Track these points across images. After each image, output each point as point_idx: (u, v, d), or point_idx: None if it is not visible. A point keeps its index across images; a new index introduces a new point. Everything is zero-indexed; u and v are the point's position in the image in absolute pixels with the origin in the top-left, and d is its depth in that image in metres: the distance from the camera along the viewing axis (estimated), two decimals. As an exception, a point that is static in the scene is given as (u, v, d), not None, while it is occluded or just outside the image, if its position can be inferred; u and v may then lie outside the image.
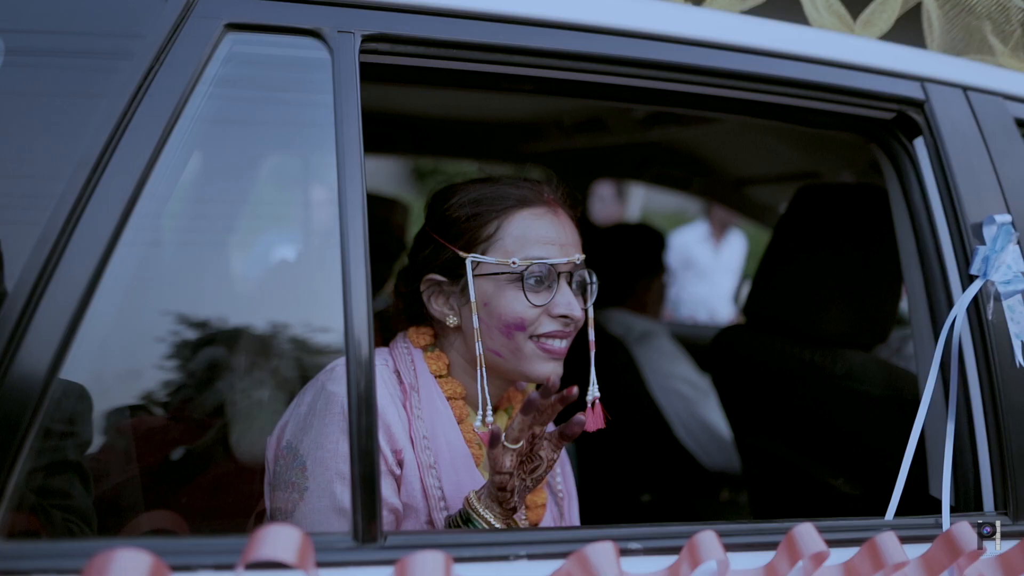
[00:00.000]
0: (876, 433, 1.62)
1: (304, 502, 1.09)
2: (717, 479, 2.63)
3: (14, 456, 0.81)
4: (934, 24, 1.54)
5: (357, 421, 0.93)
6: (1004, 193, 1.37)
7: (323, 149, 1.00)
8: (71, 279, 0.86)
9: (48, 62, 0.94)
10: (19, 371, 0.82)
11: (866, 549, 1.03)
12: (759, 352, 1.88)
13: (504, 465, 1.09)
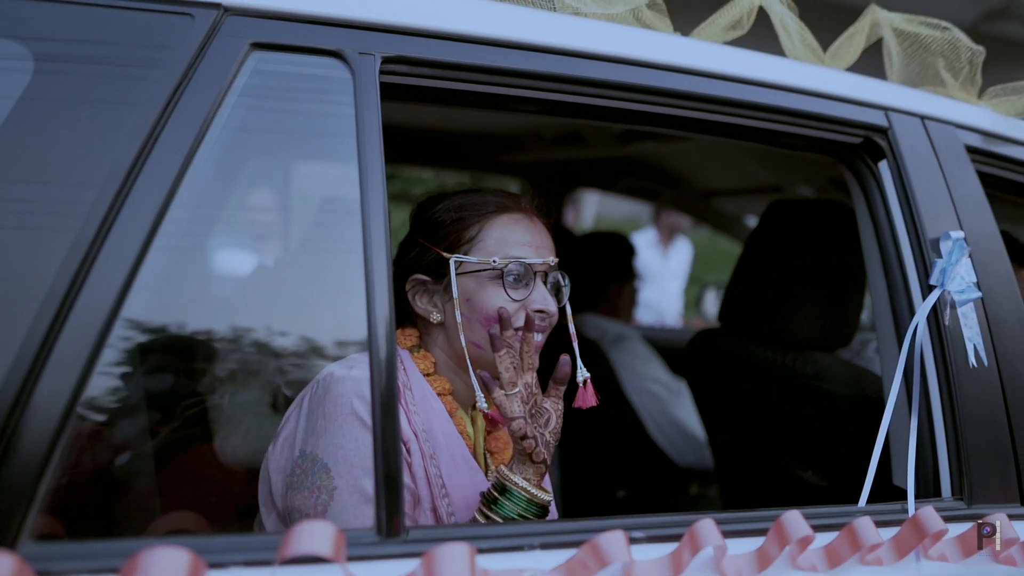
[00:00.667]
0: (842, 429, 1.67)
1: (335, 500, 1.10)
2: (687, 475, 2.67)
3: (45, 460, 0.81)
4: (894, 58, 1.60)
5: (381, 421, 0.95)
6: (957, 211, 1.43)
7: (346, 162, 1.02)
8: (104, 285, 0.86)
9: (83, 70, 0.94)
10: (52, 376, 0.82)
11: (845, 533, 1.08)
12: (733, 355, 1.93)
13: (513, 410, 1.15)
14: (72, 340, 0.83)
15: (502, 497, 1.15)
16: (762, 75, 1.35)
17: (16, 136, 0.89)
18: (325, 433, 1.14)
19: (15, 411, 0.80)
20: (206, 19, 0.98)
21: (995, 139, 1.58)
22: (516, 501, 1.14)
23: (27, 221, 0.87)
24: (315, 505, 1.11)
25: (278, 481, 1.17)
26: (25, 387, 0.80)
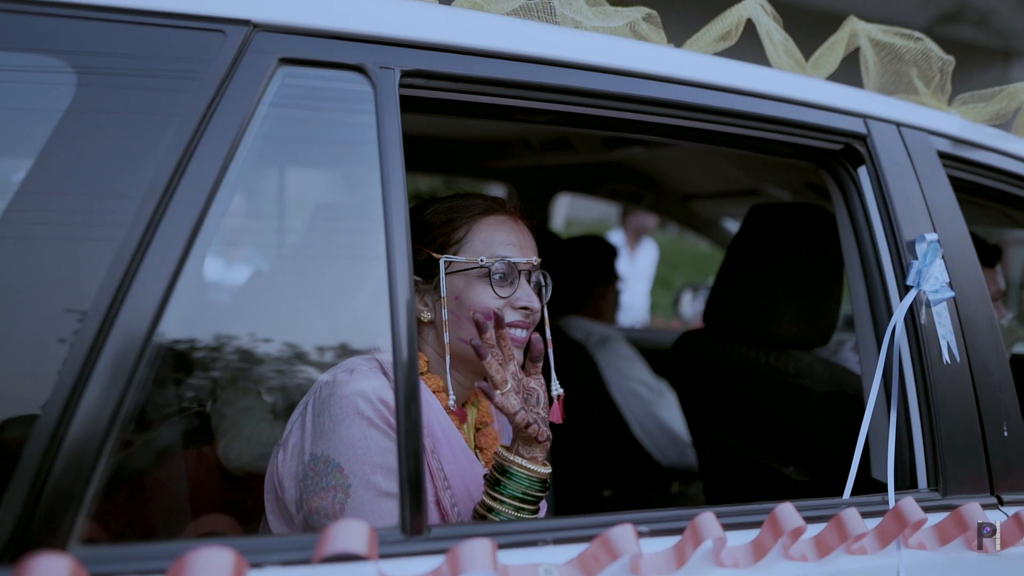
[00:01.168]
0: (822, 425, 1.75)
1: (351, 497, 1.16)
2: (669, 474, 2.75)
3: (93, 465, 0.86)
4: (870, 67, 1.69)
5: (405, 422, 1.01)
6: (931, 214, 1.51)
7: (368, 171, 1.07)
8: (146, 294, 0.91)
9: (123, 84, 0.98)
10: (98, 384, 0.87)
11: (833, 524, 1.15)
12: (717, 354, 2.01)
13: (513, 406, 1.22)
14: (116, 348, 0.87)
15: (504, 478, 1.23)
16: (751, 85, 1.42)
17: (61, 149, 0.93)
18: (334, 434, 1.19)
19: (64, 418, 0.84)
20: (237, 35, 1.03)
21: (963, 144, 1.67)
22: (518, 480, 1.22)
23: (74, 232, 0.92)
24: (332, 504, 1.16)
25: (291, 488, 1.22)
26: (73, 394, 0.85)
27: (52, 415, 0.84)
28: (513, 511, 1.21)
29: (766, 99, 1.44)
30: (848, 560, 1.17)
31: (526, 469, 1.23)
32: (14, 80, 0.99)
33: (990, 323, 1.49)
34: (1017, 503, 1.38)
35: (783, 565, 1.13)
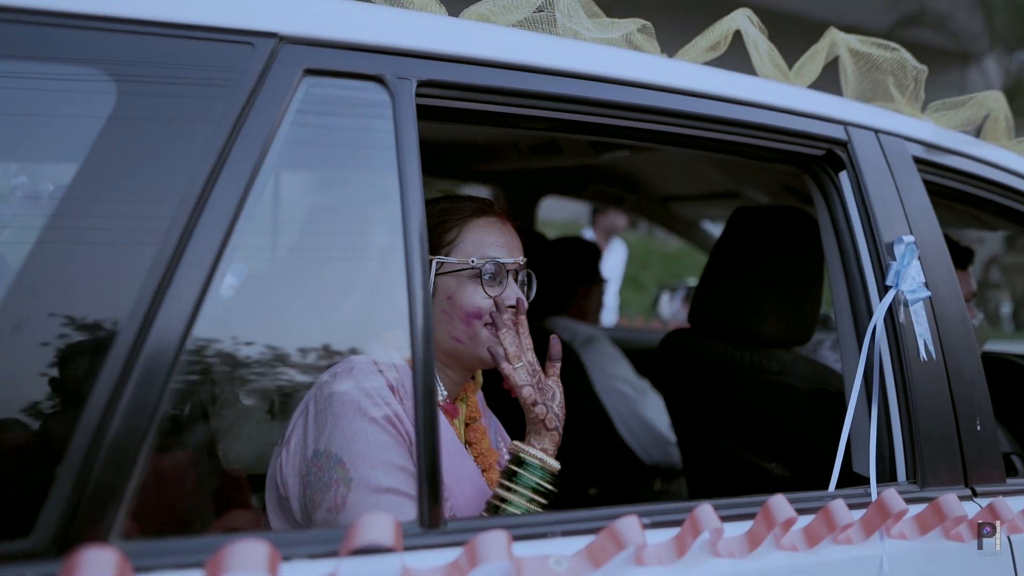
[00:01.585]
0: (804, 422, 1.84)
1: (353, 491, 1.21)
2: (652, 472, 2.84)
3: (133, 462, 0.90)
4: (849, 76, 1.78)
5: (423, 420, 1.06)
6: (908, 217, 1.60)
7: (388, 176, 1.13)
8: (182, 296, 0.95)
9: (159, 94, 1.02)
10: (138, 382, 0.91)
11: (822, 515, 1.23)
12: (702, 353, 2.09)
13: (522, 379, 1.32)
14: (154, 349, 0.92)
15: (520, 469, 1.31)
16: (740, 94, 1.49)
17: (104, 156, 0.98)
18: (336, 430, 1.25)
19: (106, 416, 0.89)
20: (265, 47, 1.08)
21: (936, 150, 1.76)
22: (532, 470, 1.30)
23: (115, 236, 0.96)
24: (335, 497, 1.22)
25: (295, 484, 1.28)
26: (114, 394, 0.89)
27: (95, 414, 0.89)
28: (526, 501, 1.29)
29: (754, 107, 1.51)
30: (835, 550, 1.25)
31: (540, 460, 1.30)
32: (60, 89, 1.03)
33: (964, 322, 1.58)
34: (989, 494, 1.47)
35: (775, 555, 1.20)
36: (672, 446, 2.75)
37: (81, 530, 0.86)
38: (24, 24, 0.97)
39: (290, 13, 1.15)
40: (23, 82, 1.01)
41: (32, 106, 1.03)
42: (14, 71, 0.99)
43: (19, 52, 0.98)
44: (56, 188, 0.97)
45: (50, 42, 0.98)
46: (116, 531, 0.88)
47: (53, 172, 0.99)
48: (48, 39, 0.98)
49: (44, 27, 0.98)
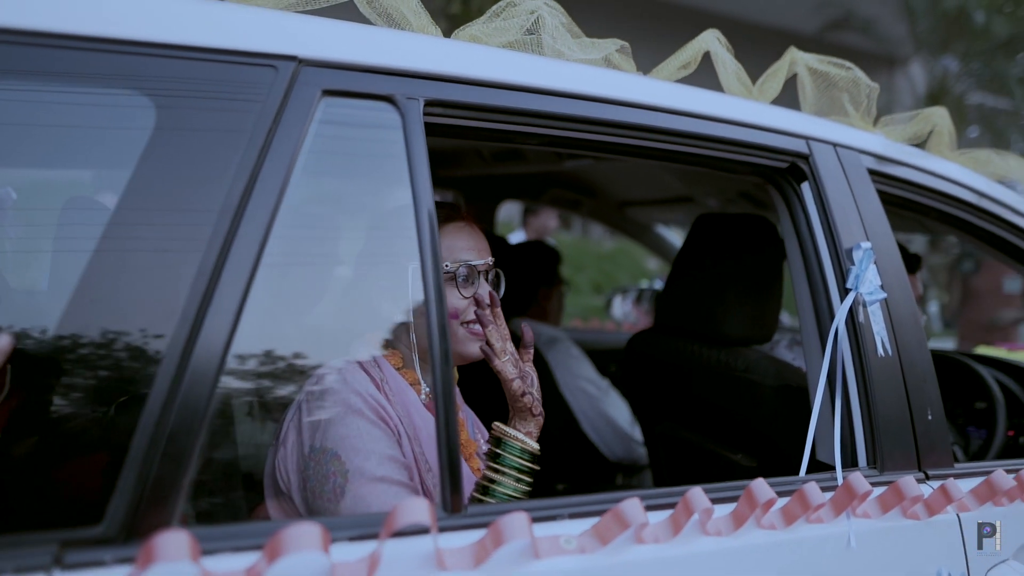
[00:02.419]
0: (769, 416, 2.00)
1: (349, 481, 1.34)
2: (615, 467, 2.99)
3: (190, 454, 1.00)
4: (807, 92, 1.95)
5: (444, 413, 1.18)
6: (864, 225, 1.77)
7: (400, 188, 1.24)
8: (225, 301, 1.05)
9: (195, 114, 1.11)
10: (191, 381, 1.01)
11: (797, 497, 1.39)
12: (669, 353, 2.24)
13: (512, 372, 1.47)
14: (205, 350, 1.02)
15: (499, 449, 1.45)
16: (712, 110, 1.65)
17: (149, 171, 1.07)
18: (330, 428, 1.37)
19: (166, 412, 0.98)
20: (287, 70, 1.19)
21: (888, 162, 1.95)
22: (512, 451, 1.45)
23: (163, 245, 1.05)
24: (333, 488, 1.34)
25: (296, 480, 1.39)
26: (171, 392, 0.99)
27: (155, 410, 0.98)
28: (513, 480, 1.42)
29: (725, 123, 1.67)
30: (808, 528, 1.41)
31: (520, 441, 1.45)
32: (108, 108, 1.12)
33: (916, 322, 1.76)
34: (940, 477, 1.65)
35: (756, 533, 1.35)
36: (634, 442, 2.91)
37: (145, 518, 0.96)
38: (76, 50, 1.06)
39: (308, 38, 1.25)
40: (74, 102, 1.09)
41: (82, 125, 1.12)
42: (68, 92, 1.08)
43: (72, 75, 1.07)
44: (109, 201, 1.06)
45: (98, 66, 1.08)
46: (176, 518, 0.98)
47: (105, 187, 1.08)
48: (96, 63, 1.07)
49: (92, 52, 1.07)
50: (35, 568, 0.90)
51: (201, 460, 1.01)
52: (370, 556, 1.02)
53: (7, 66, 1.03)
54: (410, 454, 1.44)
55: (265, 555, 0.95)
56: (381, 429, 1.39)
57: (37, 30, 1.05)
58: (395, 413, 1.45)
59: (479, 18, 1.57)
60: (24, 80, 1.05)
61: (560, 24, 1.61)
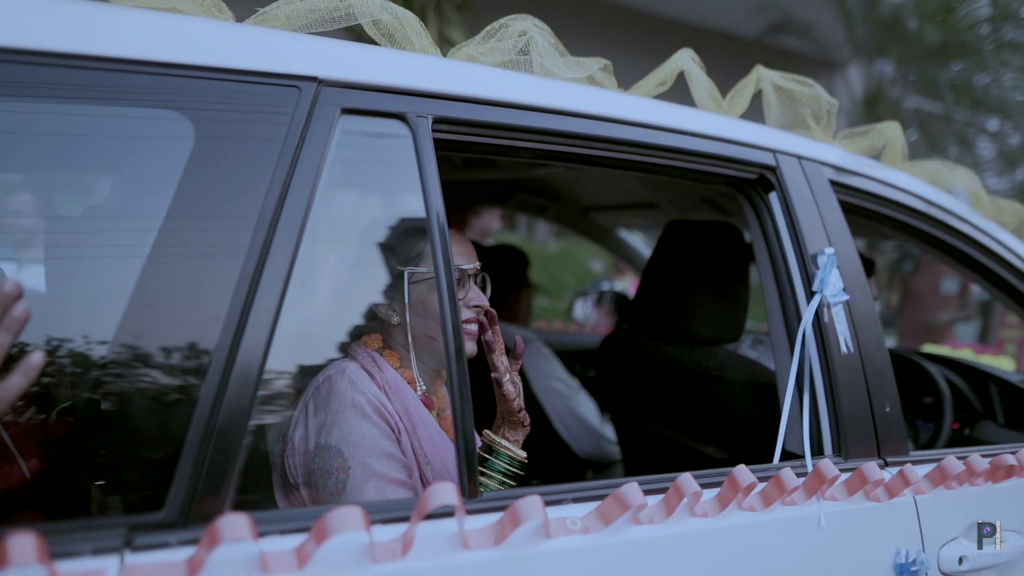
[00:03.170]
0: (739, 410, 2.17)
1: (351, 477, 1.46)
2: (584, 463, 3.14)
3: (238, 446, 1.12)
4: (772, 107, 2.13)
5: (460, 412, 1.31)
6: (827, 232, 1.95)
7: (414, 198, 1.36)
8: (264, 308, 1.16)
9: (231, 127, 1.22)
10: (236, 380, 1.12)
11: (774, 481, 1.54)
12: (642, 353, 2.40)
13: (513, 392, 1.60)
14: (248, 350, 1.13)
15: (491, 456, 1.59)
16: (688, 125, 1.80)
17: (191, 186, 1.17)
18: (334, 426, 1.49)
19: (215, 409, 1.09)
20: (309, 90, 1.30)
21: (847, 173, 2.13)
22: (501, 458, 1.59)
23: (208, 258, 1.16)
24: (336, 483, 1.46)
25: (302, 473, 1.50)
26: (220, 390, 1.10)
27: (206, 407, 1.09)
28: (498, 484, 1.57)
29: (700, 137, 1.82)
30: (783, 510, 1.57)
31: (510, 450, 1.59)
32: (151, 125, 1.22)
33: (875, 321, 1.94)
34: (898, 463, 1.83)
35: (738, 514, 1.51)
36: (603, 439, 3.06)
37: (201, 504, 1.07)
38: (126, 72, 1.16)
39: (326, 59, 1.37)
40: (125, 118, 1.20)
41: (127, 143, 1.22)
42: (118, 110, 1.18)
43: (116, 97, 1.17)
44: (158, 212, 1.16)
45: (145, 86, 1.18)
46: (227, 504, 1.09)
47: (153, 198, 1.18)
48: (143, 84, 1.18)
49: (140, 74, 1.18)
50: (109, 550, 1.00)
51: (247, 452, 1.12)
52: (403, 536, 1.15)
53: (68, 87, 1.13)
54: (409, 448, 1.56)
55: (313, 536, 1.07)
56: (381, 428, 1.51)
57: (93, 54, 1.15)
58: (395, 410, 1.57)
59: (474, 38, 1.70)
60: (81, 100, 1.15)
61: (549, 44, 1.75)
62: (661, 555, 1.37)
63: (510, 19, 1.75)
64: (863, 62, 12.60)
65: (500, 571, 1.21)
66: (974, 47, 12.07)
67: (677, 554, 1.40)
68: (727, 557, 1.46)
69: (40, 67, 1.13)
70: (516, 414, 1.60)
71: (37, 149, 1.21)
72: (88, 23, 1.19)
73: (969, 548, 1.80)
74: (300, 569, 1.07)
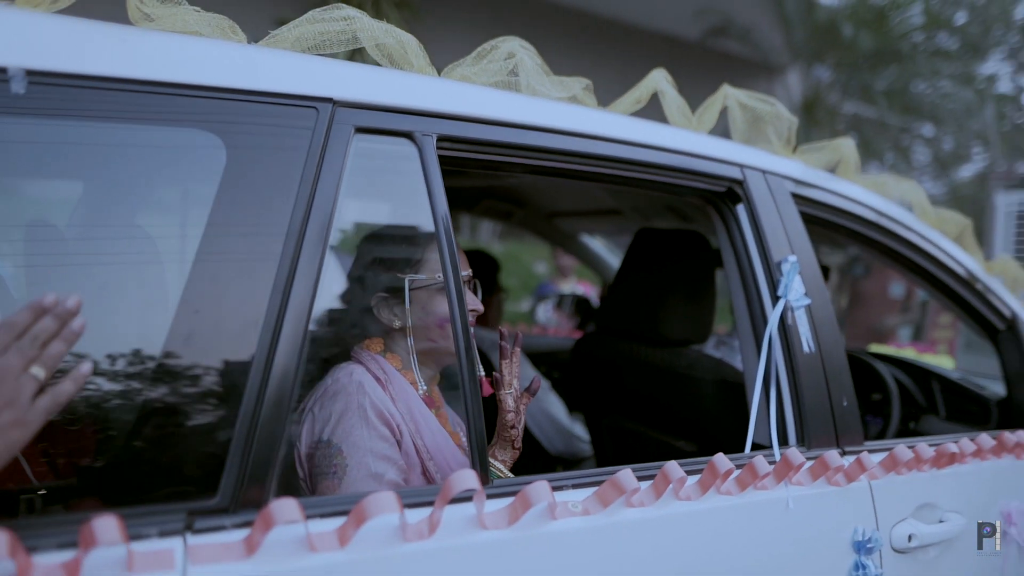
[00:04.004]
0: (708, 406, 2.35)
1: (347, 475, 1.57)
2: (555, 461, 3.30)
3: (279, 438, 1.24)
4: (737, 123, 2.31)
5: (472, 409, 1.45)
6: (790, 241, 2.13)
7: (422, 210, 1.50)
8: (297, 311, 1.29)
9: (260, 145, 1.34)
10: (275, 377, 1.24)
11: (747, 468, 1.71)
12: (615, 354, 2.56)
13: (510, 404, 1.73)
14: (284, 351, 1.25)
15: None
16: (663, 142, 1.96)
17: (227, 200, 1.29)
18: (338, 425, 1.61)
19: (258, 404, 1.21)
20: (326, 111, 1.42)
21: (806, 185, 2.33)
22: (492, 477, 1.68)
23: (245, 267, 1.27)
24: (333, 479, 1.58)
25: (306, 467, 1.63)
26: (262, 386, 1.22)
27: (250, 404, 1.21)
28: None
29: (675, 153, 1.99)
30: (756, 494, 1.74)
31: (499, 469, 1.72)
32: (184, 147, 1.33)
33: (832, 323, 2.13)
34: (854, 452, 2.02)
35: (717, 498, 1.67)
36: (574, 437, 3.23)
37: (250, 491, 1.19)
38: (152, 94, 1.28)
39: (340, 82, 1.49)
40: (161, 140, 1.31)
41: (167, 160, 1.33)
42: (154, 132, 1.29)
43: (156, 117, 1.28)
44: (197, 226, 1.28)
45: (178, 108, 1.29)
46: (271, 491, 1.22)
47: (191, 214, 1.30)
48: (178, 105, 1.29)
49: (173, 96, 1.29)
50: (173, 532, 1.12)
51: (287, 445, 1.25)
52: (429, 518, 1.28)
53: (112, 109, 1.24)
54: (412, 446, 1.69)
55: (352, 518, 1.20)
56: (381, 432, 1.63)
57: (133, 78, 1.26)
58: (398, 411, 1.70)
59: (466, 58, 1.84)
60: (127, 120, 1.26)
61: (536, 65, 1.90)
62: (651, 533, 1.53)
63: (499, 41, 1.89)
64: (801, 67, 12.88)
65: (513, 549, 1.36)
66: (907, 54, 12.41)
67: (665, 533, 1.56)
68: (708, 535, 1.63)
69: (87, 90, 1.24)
70: (508, 430, 1.74)
71: (86, 165, 1.32)
72: (128, 48, 1.29)
73: (917, 527, 2.00)
74: (342, 547, 1.20)
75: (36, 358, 1.04)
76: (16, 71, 1.17)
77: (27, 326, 1.04)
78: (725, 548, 1.65)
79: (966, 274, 2.63)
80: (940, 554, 2.05)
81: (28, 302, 1.04)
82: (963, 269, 2.62)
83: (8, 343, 1.03)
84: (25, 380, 1.03)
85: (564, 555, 1.42)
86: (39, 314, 1.04)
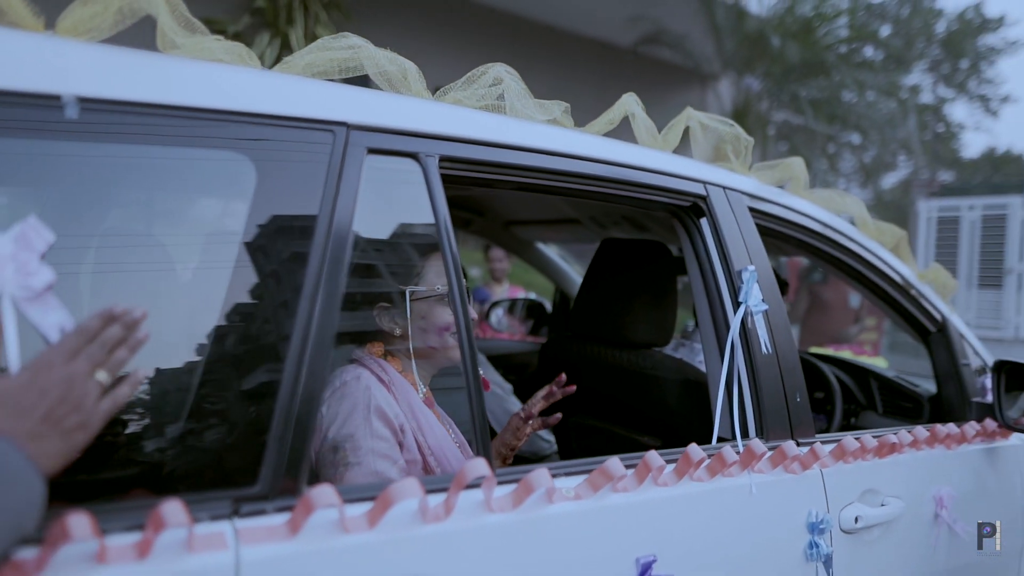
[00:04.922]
0: (672, 404, 2.53)
1: (349, 472, 1.70)
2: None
3: (311, 430, 1.37)
4: (699, 142, 2.49)
5: (476, 408, 1.59)
6: (748, 252, 2.32)
7: (417, 225, 1.64)
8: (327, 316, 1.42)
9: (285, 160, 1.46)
10: (308, 374, 1.37)
11: (716, 457, 1.89)
12: (581, 356, 2.73)
13: (524, 433, 1.89)
14: (315, 348, 1.38)
15: None
16: (635, 161, 2.14)
17: (258, 216, 1.41)
18: (344, 425, 1.74)
19: (293, 398, 1.34)
20: (341, 133, 1.55)
21: (760, 200, 2.52)
22: None
23: (280, 278, 1.40)
24: (335, 475, 1.70)
25: (313, 461, 1.75)
26: (294, 387, 1.35)
27: (285, 401, 1.34)
28: None
29: (644, 171, 2.16)
30: (723, 480, 1.92)
31: None
32: (217, 168, 1.44)
33: (787, 327, 2.33)
34: (807, 443, 2.21)
35: (691, 484, 1.85)
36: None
37: (285, 479, 1.32)
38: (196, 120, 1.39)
39: (352, 106, 1.61)
40: (197, 163, 1.42)
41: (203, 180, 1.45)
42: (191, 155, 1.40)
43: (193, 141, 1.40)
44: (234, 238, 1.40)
45: (212, 131, 1.41)
46: (304, 479, 1.34)
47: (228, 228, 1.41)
48: (210, 129, 1.41)
49: (207, 121, 1.40)
50: (221, 516, 1.24)
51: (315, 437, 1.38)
52: (445, 503, 1.42)
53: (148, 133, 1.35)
54: (414, 443, 1.82)
55: (379, 503, 1.33)
56: (383, 432, 1.75)
57: (171, 104, 1.37)
58: (400, 411, 1.83)
59: (456, 82, 1.99)
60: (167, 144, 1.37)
61: (521, 89, 2.06)
62: (635, 515, 1.70)
63: (487, 67, 2.04)
64: (732, 76, 13.19)
65: (517, 529, 1.51)
66: (834, 65, 12.78)
67: (647, 515, 1.72)
68: (683, 517, 1.80)
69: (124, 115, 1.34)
70: (509, 453, 1.99)
71: (130, 187, 1.43)
72: (169, 76, 1.41)
73: (863, 510, 2.21)
74: (371, 529, 1.33)
75: (103, 363, 1.13)
76: (69, 98, 1.27)
77: (96, 333, 1.13)
78: (698, 528, 1.83)
79: (902, 281, 2.87)
80: (882, 534, 2.27)
81: (98, 311, 1.14)
82: (899, 276, 2.86)
83: (79, 348, 1.12)
84: (91, 385, 1.11)
85: (559, 534, 1.57)
86: (108, 322, 1.14)
